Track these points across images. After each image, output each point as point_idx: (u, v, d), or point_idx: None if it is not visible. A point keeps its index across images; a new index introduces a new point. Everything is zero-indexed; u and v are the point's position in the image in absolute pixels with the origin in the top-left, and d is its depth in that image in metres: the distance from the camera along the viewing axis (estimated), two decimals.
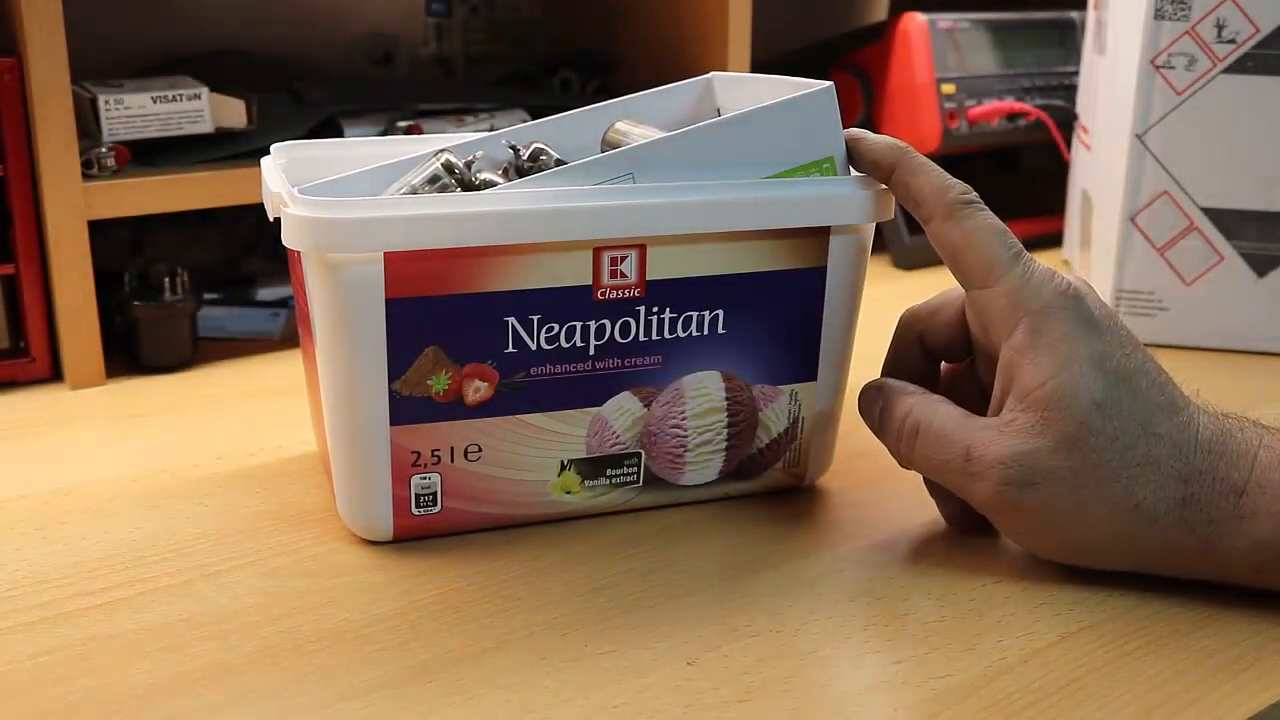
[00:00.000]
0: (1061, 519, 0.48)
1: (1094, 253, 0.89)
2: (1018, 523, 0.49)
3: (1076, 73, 1.04)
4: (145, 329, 0.75)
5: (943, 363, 0.57)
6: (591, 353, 0.52)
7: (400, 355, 0.49)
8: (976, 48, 1.02)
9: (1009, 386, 0.49)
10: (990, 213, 0.51)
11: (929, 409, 0.51)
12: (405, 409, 0.50)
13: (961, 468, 0.49)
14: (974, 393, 0.54)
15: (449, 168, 0.53)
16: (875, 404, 0.53)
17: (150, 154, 0.75)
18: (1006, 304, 0.49)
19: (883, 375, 0.56)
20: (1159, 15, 0.78)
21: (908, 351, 0.56)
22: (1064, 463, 0.47)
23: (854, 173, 0.54)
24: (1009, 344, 0.49)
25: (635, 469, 0.55)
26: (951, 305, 0.54)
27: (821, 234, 0.53)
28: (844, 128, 0.53)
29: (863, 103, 1.04)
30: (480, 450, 0.52)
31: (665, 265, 0.51)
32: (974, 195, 0.51)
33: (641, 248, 0.51)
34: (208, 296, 0.86)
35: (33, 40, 0.67)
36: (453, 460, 0.52)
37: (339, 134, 0.82)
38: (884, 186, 0.53)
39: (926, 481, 0.55)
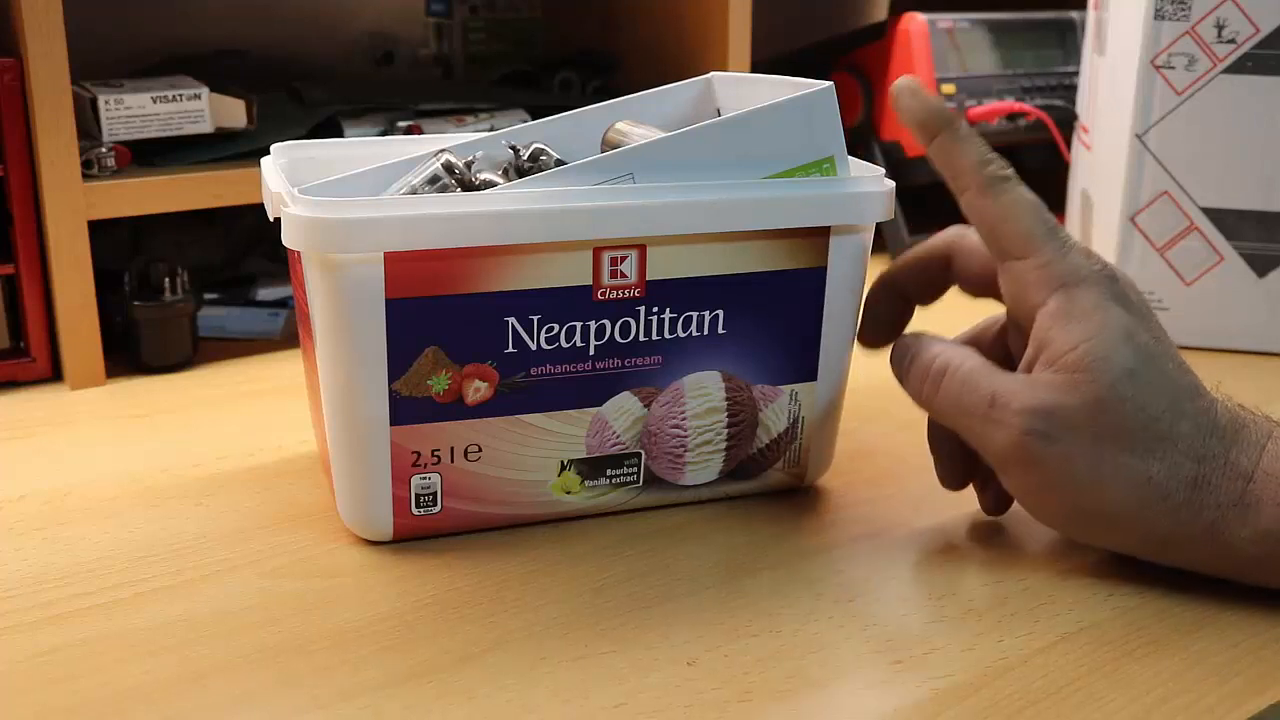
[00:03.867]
0: (1074, 481, 0.48)
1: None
2: (1030, 479, 0.49)
3: (1076, 73, 1.03)
4: (145, 329, 0.75)
5: (972, 325, 0.57)
6: (591, 353, 0.52)
7: (400, 355, 0.49)
8: (976, 48, 1.02)
9: (1040, 351, 0.49)
10: (1026, 188, 0.51)
11: (958, 354, 0.51)
12: (405, 409, 0.50)
13: (985, 414, 0.49)
14: (1003, 361, 0.54)
15: (449, 168, 0.53)
16: (907, 351, 0.53)
17: (150, 154, 0.75)
18: (1042, 275, 0.49)
19: (895, 267, 0.57)
20: (1159, 15, 0.78)
21: (933, 260, 0.56)
22: (1088, 423, 0.47)
23: (854, 173, 0.54)
24: (1043, 311, 0.49)
25: (635, 469, 0.55)
26: (932, 251, 0.55)
27: (821, 234, 0.53)
28: (844, 128, 0.53)
29: (863, 103, 1.04)
30: (480, 450, 0.52)
31: (665, 265, 0.51)
32: (1011, 171, 0.51)
33: (641, 248, 0.51)
34: (208, 296, 0.86)
35: (33, 40, 0.67)
36: (453, 460, 0.52)
37: (339, 134, 0.82)
38: (885, 186, 0.53)
39: (930, 437, 0.55)
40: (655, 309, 0.52)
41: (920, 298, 0.57)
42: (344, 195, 0.49)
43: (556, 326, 0.51)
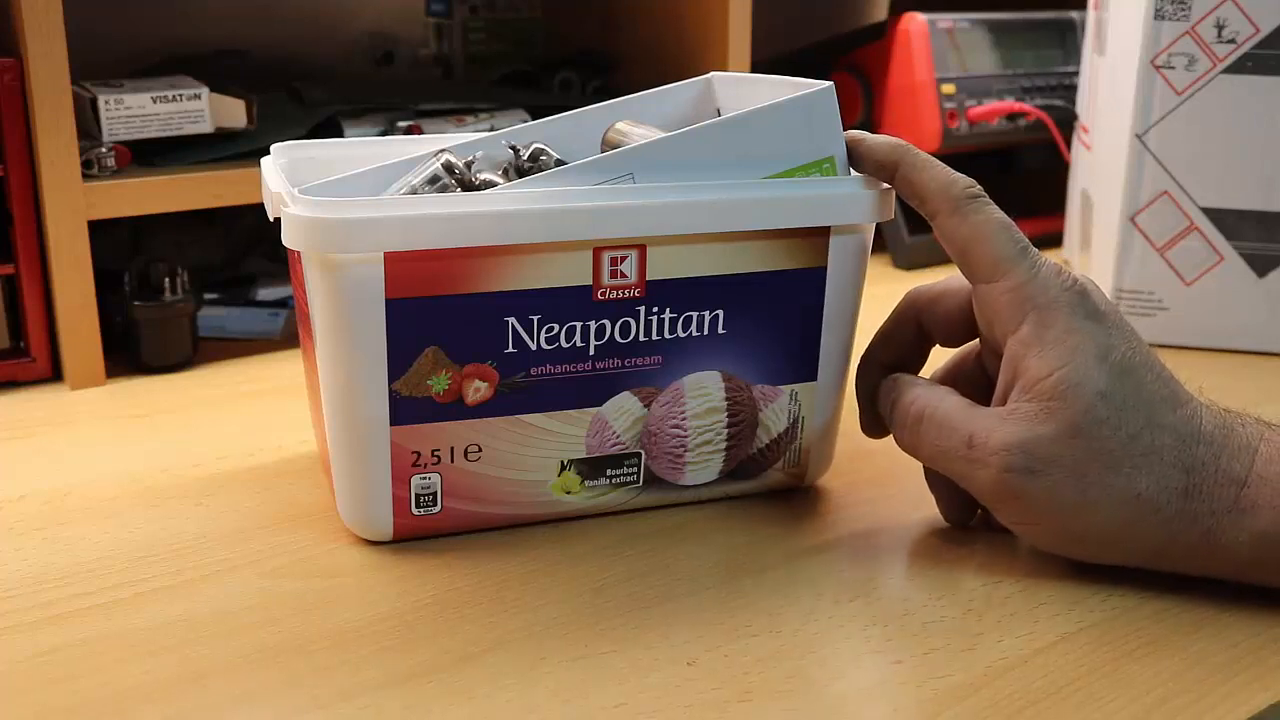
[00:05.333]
0: (1063, 508, 0.48)
1: (1094, 253, 0.89)
2: (1018, 512, 0.49)
3: (1076, 73, 1.04)
4: (145, 329, 0.75)
5: (952, 354, 0.57)
6: (591, 353, 0.52)
7: (400, 355, 0.49)
8: (976, 48, 1.02)
9: (1014, 379, 0.49)
10: (996, 207, 0.51)
11: (934, 397, 0.51)
12: (405, 409, 0.50)
13: (964, 454, 0.49)
14: (981, 385, 0.54)
15: (449, 168, 0.53)
16: (890, 394, 0.54)
17: (150, 154, 0.76)
18: (1013, 299, 0.49)
19: (871, 345, 0.57)
20: (1159, 15, 0.78)
21: (902, 329, 0.56)
22: (1067, 451, 0.47)
23: (854, 172, 0.54)
24: (1015, 338, 0.49)
25: (635, 469, 0.55)
26: (955, 295, 0.55)
27: (822, 234, 0.53)
28: (844, 128, 0.53)
29: (863, 103, 1.04)
30: (480, 450, 0.52)
31: (665, 265, 0.51)
32: (979, 190, 0.51)
33: (641, 248, 0.51)
34: (208, 296, 0.86)
35: (33, 40, 0.67)
36: (453, 460, 0.52)
37: (339, 134, 0.82)
38: (885, 186, 0.53)
39: (927, 477, 0.55)
40: (655, 309, 0.52)
41: (905, 368, 0.57)
42: (344, 195, 0.49)
43: (556, 326, 0.51)
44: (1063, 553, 0.51)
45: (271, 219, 0.52)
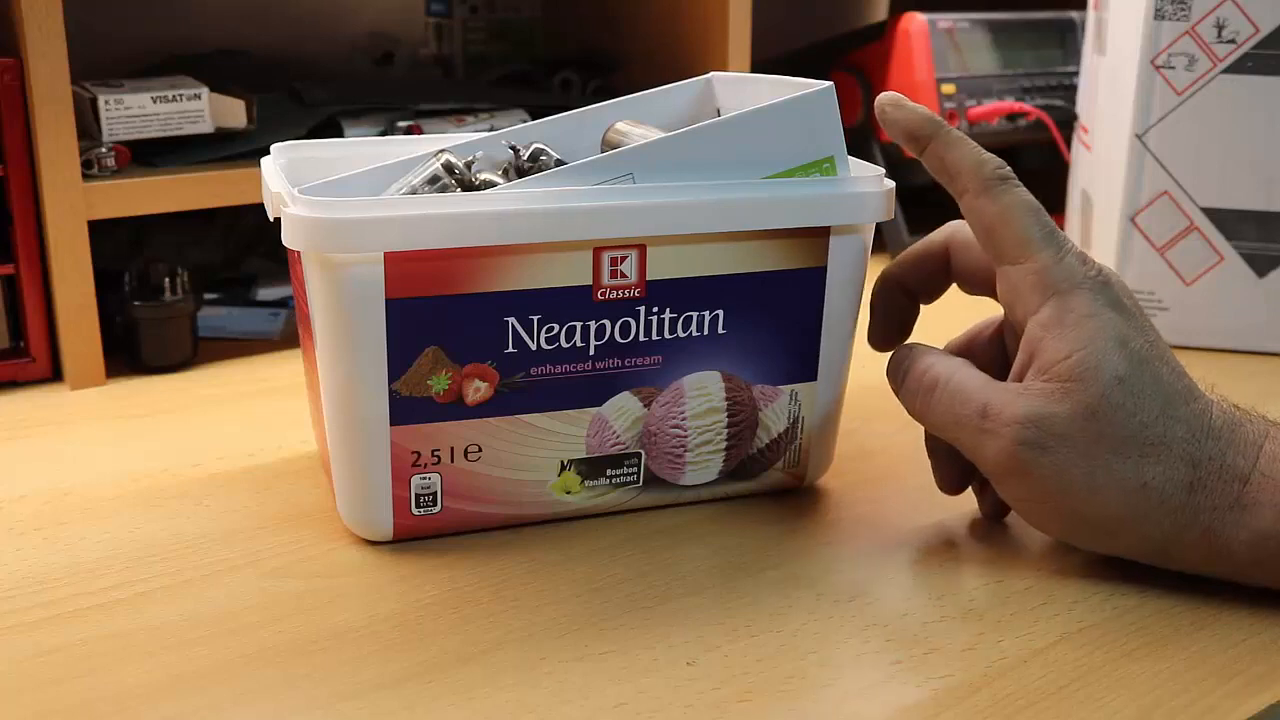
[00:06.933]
0: (1069, 489, 0.48)
1: (1094, 253, 0.89)
2: (1024, 488, 0.49)
3: (1076, 73, 1.04)
4: (145, 329, 0.75)
5: (966, 329, 0.57)
6: (591, 353, 0.52)
7: (400, 355, 0.49)
8: (976, 48, 1.02)
9: (1031, 359, 0.49)
10: (1025, 190, 0.51)
11: (949, 366, 0.51)
12: (405, 409, 0.50)
13: (977, 424, 0.49)
14: (995, 363, 0.54)
15: (449, 168, 0.53)
16: (902, 362, 0.54)
17: (150, 154, 0.76)
18: (1036, 280, 0.49)
19: (897, 263, 0.57)
20: (1159, 15, 0.78)
21: (931, 258, 0.56)
22: (1079, 431, 0.47)
23: (854, 173, 0.54)
24: (1035, 319, 0.49)
25: (635, 469, 0.55)
26: (930, 248, 0.55)
27: (821, 234, 0.53)
28: (844, 128, 0.53)
29: (863, 103, 1.04)
30: (480, 450, 0.52)
31: (665, 265, 0.51)
32: (1009, 171, 0.51)
33: (641, 248, 0.51)
34: (208, 296, 0.86)
35: (33, 41, 0.67)
36: (453, 460, 0.52)
37: (339, 134, 0.82)
38: (885, 186, 0.53)
39: (927, 442, 0.55)
40: (655, 309, 0.52)
41: (922, 295, 0.57)
42: (344, 195, 0.49)
43: (556, 326, 0.51)
44: (1064, 538, 0.51)
45: (271, 219, 0.52)
